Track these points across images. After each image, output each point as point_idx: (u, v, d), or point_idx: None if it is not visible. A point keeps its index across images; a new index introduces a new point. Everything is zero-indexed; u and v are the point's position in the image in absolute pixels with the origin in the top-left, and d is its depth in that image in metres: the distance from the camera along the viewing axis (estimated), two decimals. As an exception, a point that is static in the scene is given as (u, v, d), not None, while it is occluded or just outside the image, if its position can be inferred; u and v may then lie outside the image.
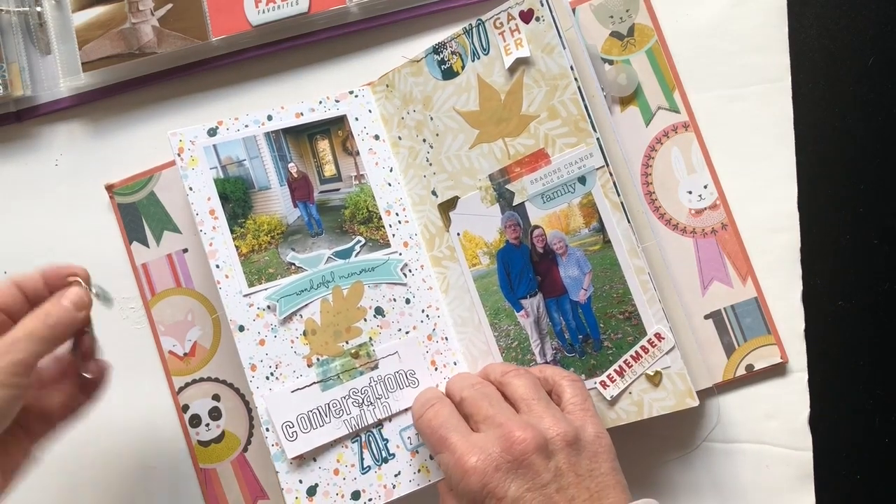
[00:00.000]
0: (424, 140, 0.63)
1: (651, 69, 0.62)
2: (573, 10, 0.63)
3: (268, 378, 0.60)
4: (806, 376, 0.60)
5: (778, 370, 0.60)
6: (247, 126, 0.64)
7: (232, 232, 0.62)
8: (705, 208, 0.61)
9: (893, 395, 0.60)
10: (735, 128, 0.62)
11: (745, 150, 0.62)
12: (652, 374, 0.56)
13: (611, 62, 0.63)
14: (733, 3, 0.63)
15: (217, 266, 0.61)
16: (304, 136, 0.64)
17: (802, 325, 0.60)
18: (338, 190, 0.64)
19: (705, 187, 0.61)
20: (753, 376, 0.60)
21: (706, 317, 0.61)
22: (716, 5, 0.63)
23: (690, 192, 0.62)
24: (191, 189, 0.62)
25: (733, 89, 0.62)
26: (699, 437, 0.60)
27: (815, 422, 0.59)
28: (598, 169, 0.57)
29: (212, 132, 0.63)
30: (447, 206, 0.63)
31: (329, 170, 0.64)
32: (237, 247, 0.62)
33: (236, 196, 0.63)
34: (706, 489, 0.61)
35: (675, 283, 0.60)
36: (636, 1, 0.63)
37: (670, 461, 0.61)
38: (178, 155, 0.62)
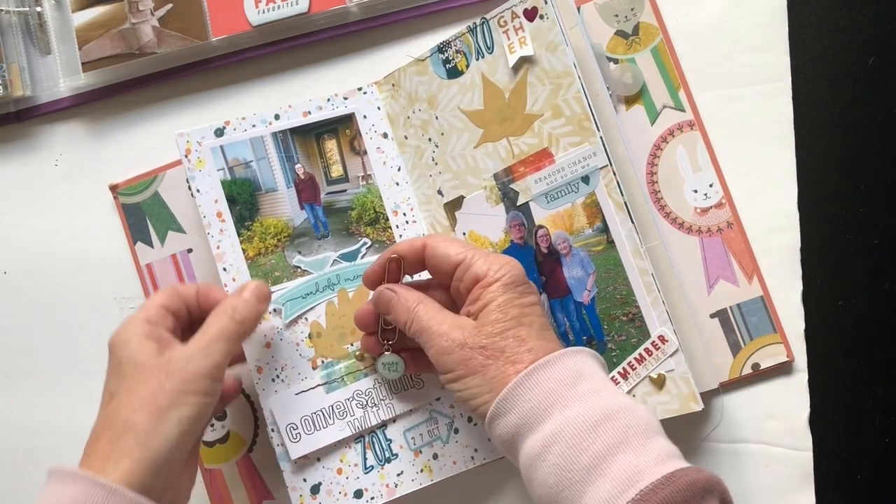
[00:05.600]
0: (430, 139, 0.63)
1: (656, 68, 0.62)
2: (578, 9, 0.63)
3: (273, 380, 0.60)
4: (806, 376, 0.60)
5: (784, 369, 0.60)
6: (254, 126, 0.63)
7: (239, 235, 0.62)
8: (711, 207, 0.61)
9: (893, 395, 0.60)
10: (735, 128, 0.62)
11: (744, 150, 0.62)
12: (655, 376, 0.56)
13: (616, 61, 0.63)
14: (733, 3, 0.63)
15: (224, 269, 0.62)
16: (311, 135, 0.64)
17: (803, 325, 0.60)
18: (344, 191, 0.63)
19: (711, 186, 0.62)
20: (758, 375, 0.60)
21: (712, 315, 0.61)
22: (716, 5, 0.63)
23: (696, 191, 0.62)
24: (198, 191, 0.62)
25: (733, 89, 0.62)
26: (700, 437, 0.61)
27: (815, 422, 0.60)
28: (601, 168, 0.57)
29: (219, 132, 0.63)
30: (453, 206, 0.63)
31: (336, 170, 0.64)
32: (244, 250, 0.62)
33: (243, 198, 0.63)
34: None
35: (681, 282, 0.60)
36: (641, 0, 0.63)
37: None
38: (186, 156, 0.62)
